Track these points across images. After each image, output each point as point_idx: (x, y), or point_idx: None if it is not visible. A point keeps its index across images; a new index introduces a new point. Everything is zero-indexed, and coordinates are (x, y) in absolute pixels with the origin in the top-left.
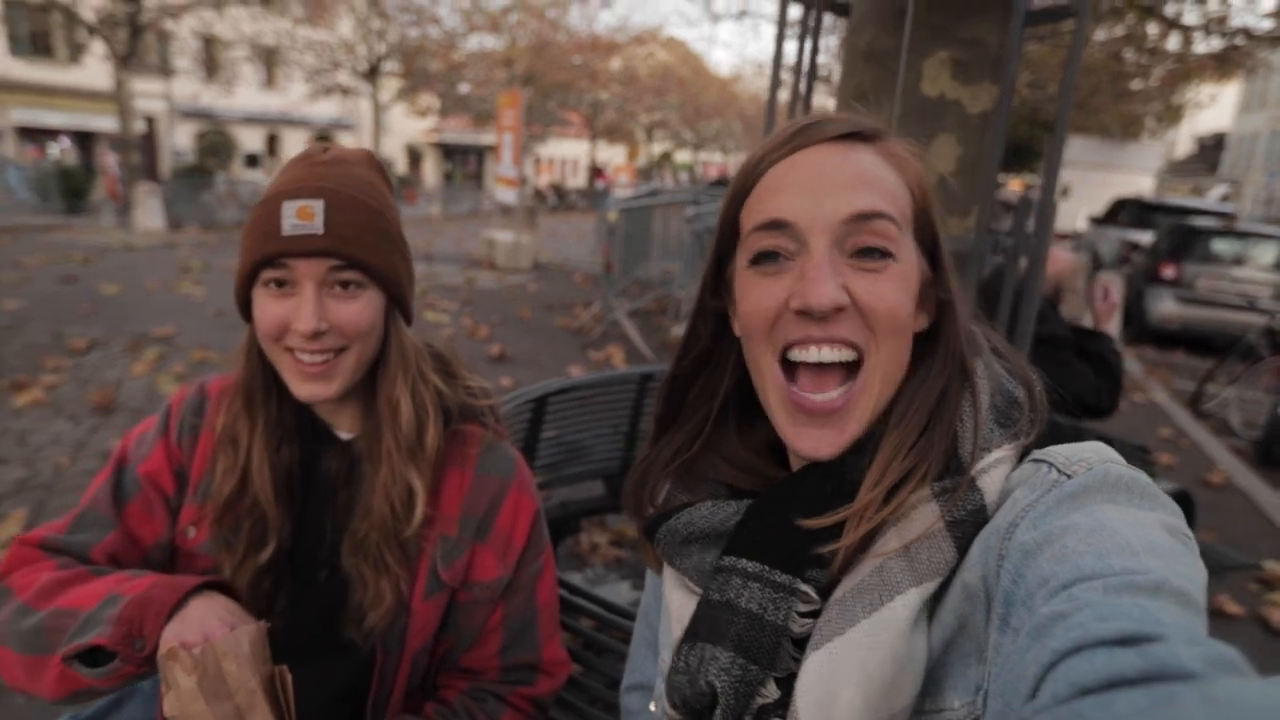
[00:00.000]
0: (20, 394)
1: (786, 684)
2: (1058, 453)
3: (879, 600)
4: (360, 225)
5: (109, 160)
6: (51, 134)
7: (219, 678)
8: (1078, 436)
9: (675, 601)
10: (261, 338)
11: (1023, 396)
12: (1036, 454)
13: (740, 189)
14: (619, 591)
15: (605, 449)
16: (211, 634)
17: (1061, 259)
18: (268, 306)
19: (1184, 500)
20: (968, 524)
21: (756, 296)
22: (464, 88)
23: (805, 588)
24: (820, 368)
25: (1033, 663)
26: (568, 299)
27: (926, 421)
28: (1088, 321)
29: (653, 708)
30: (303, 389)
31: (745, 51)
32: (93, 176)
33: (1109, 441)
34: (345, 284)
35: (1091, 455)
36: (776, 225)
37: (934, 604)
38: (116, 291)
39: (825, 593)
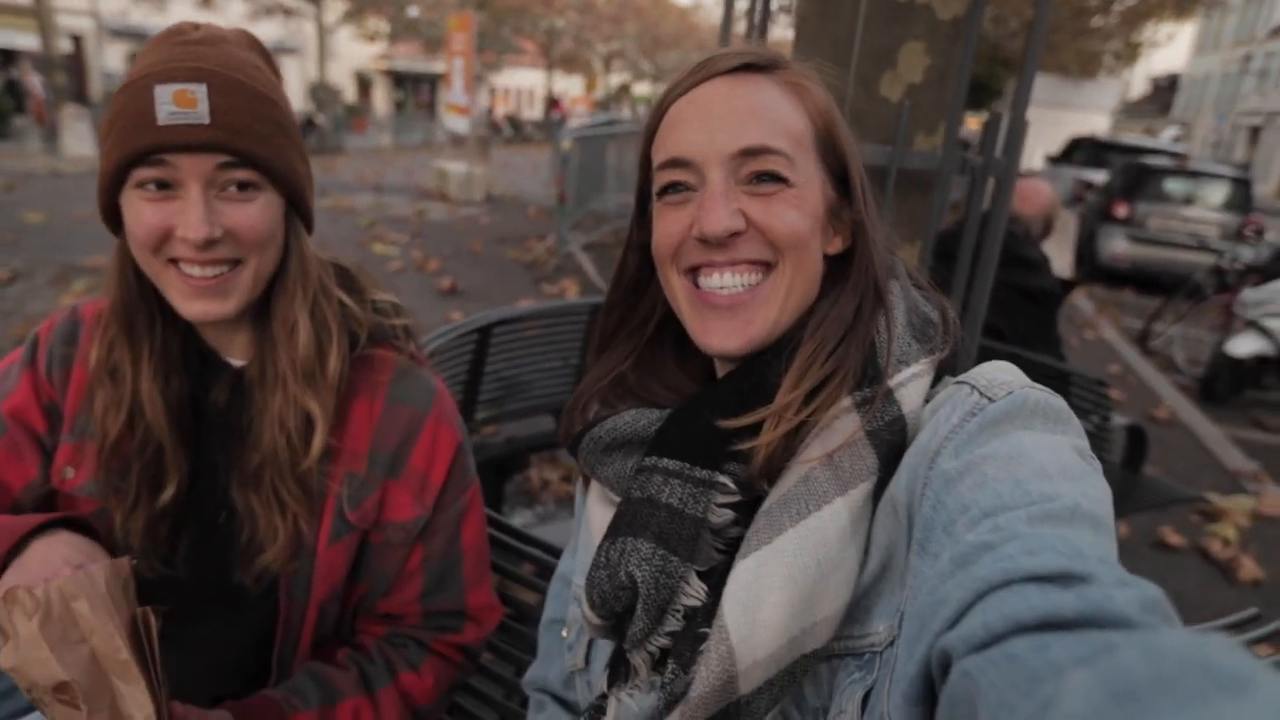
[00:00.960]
0: None
1: (715, 592)
2: (979, 375)
3: (806, 509)
4: (252, 114)
5: (34, 81)
6: None
7: (68, 621)
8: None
9: (597, 515)
10: (137, 249)
11: (936, 318)
12: (958, 376)
13: (650, 125)
14: (570, 529)
15: (553, 382)
16: (56, 575)
17: (1044, 191)
18: (143, 212)
19: (1138, 435)
20: (886, 434)
21: (664, 225)
22: (413, 11)
23: (723, 479)
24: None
25: (957, 588)
26: (521, 232)
27: (843, 334)
28: (1058, 260)
29: (565, 634)
30: (193, 307)
31: None
32: (15, 98)
33: (1070, 375)
34: (241, 185)
35: (1010, 378)
36: (676, 163)
37: (870, 522)
38: (42, 220)
39: (750, 497)
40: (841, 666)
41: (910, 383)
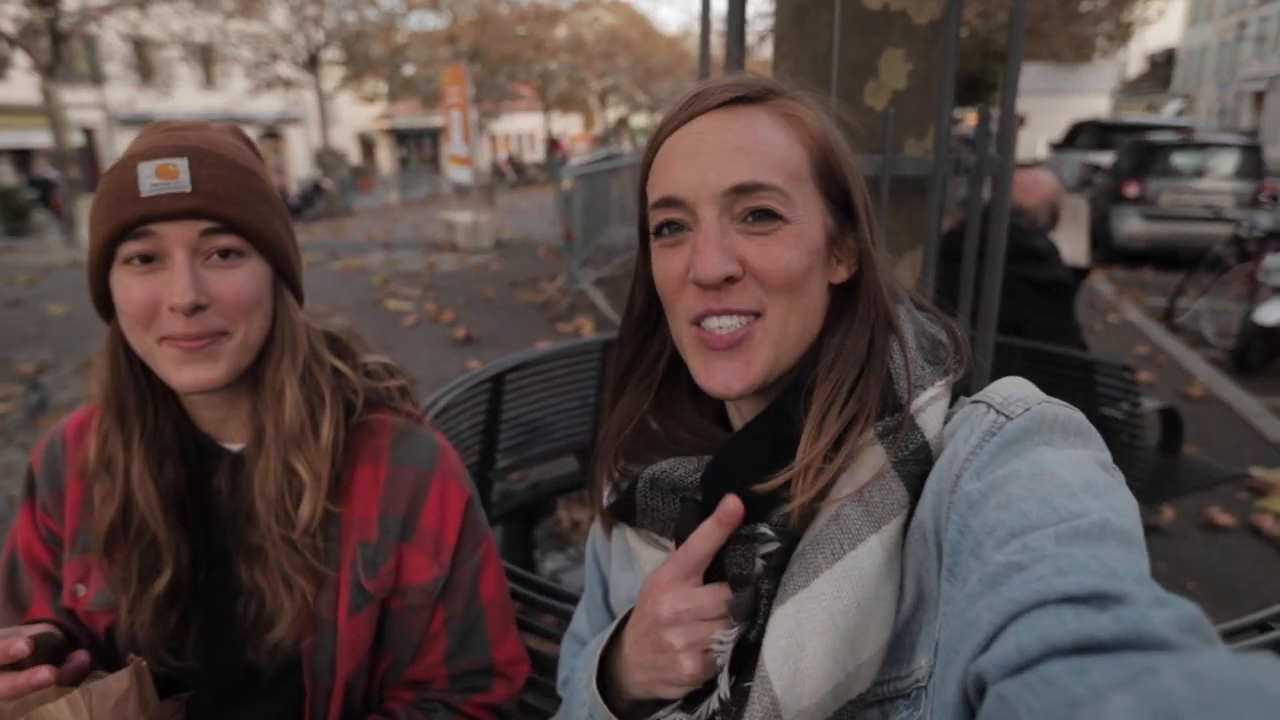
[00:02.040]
0: None
1: (754, 641)
2: (994, 393)
3: (840, 549)
4: (233, 183)
5: (54, 174)
6: None
7: None
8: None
9: (648, 561)
10: (129, 328)
11: (945, 338)
12: (973, 395)
13: (645, 162)
14: None
15: (573, 423)
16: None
17: (1045, 181)
18: (132, 287)
19: (1171, 417)
20: (912, 463)
21: (662, 268)
22: (409, 69)
23: (764, 529)
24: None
25: (987, 610)
26: (532, 274)
27: (859, 371)
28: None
29: None
30: (184, 375)
31: (691, 7)
32: (36, 195)
33: (1094, 364)
34: (224, 252)
35: (1027, 394)
36: (669, 202)
37: (902, 554)
38: (64, 311)
39: (787, 543)
40: (892, 710)
41: (929, 407)
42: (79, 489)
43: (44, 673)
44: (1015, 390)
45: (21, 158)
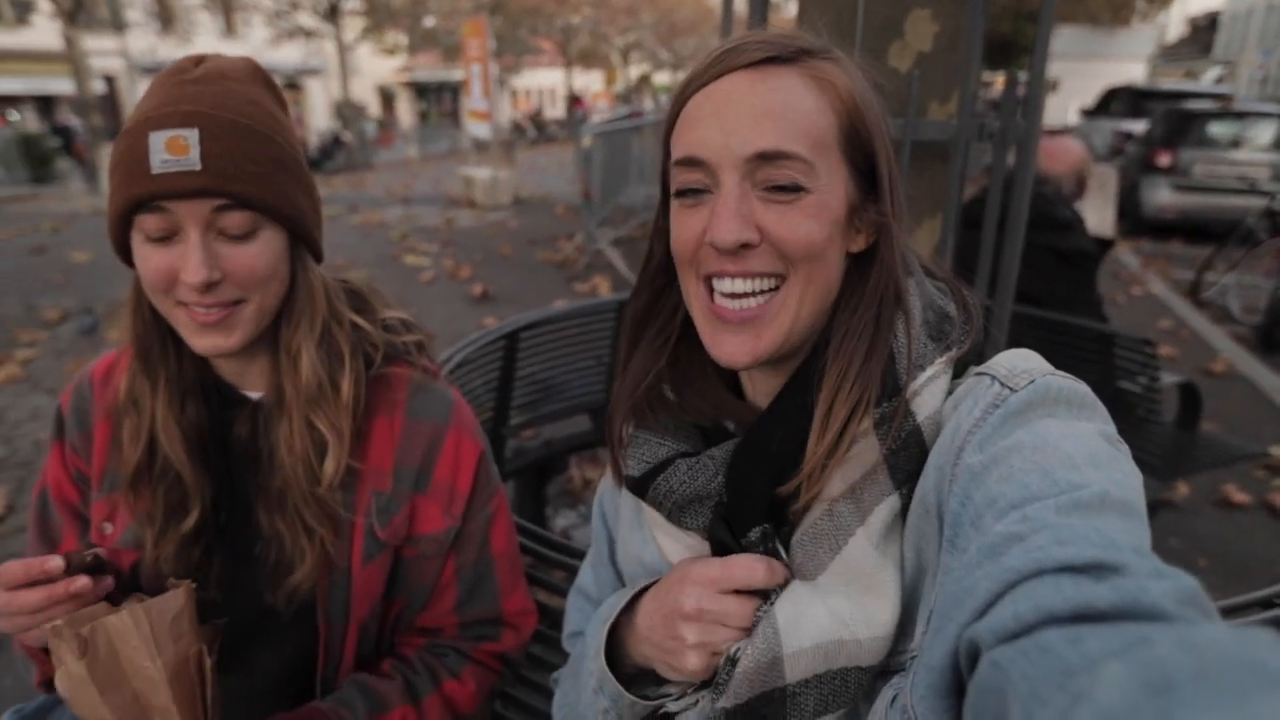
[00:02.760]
0: None
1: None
2: (999, 365)
3: (837, 544)
4: (245, 155)
5: (73, 122)
6: (10, 101)
7: (112, 662)
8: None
9: (668, 547)
10: (148, 290)
11: (954, 311)
12: (978, 367)
13: (670, 118)
14: None
15: (587, 382)
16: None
17: (1073, 149)
18: (149, 257)
19: (1190, 391)
20: (903, 453)
21: (679, 228)
22: (430, 21)
23: (777, 547)
24: (739, 295)
25: (985, 578)
26: (550, 232)
27: (866, 349)
28: (1090, 221)
29: None
30: (201, 341)
31: None
32: (65, 137)
33: (1114, 337)
34: (237, 227)
35: (1031, 366)
36: (690, 162)
37: (901, 533)
38: (88, 259)
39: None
40: (885, 683)
41: (927, 387)
42: (106, 430)
43: (81, 580)
44: (1020, 362)
45: (44, 105)
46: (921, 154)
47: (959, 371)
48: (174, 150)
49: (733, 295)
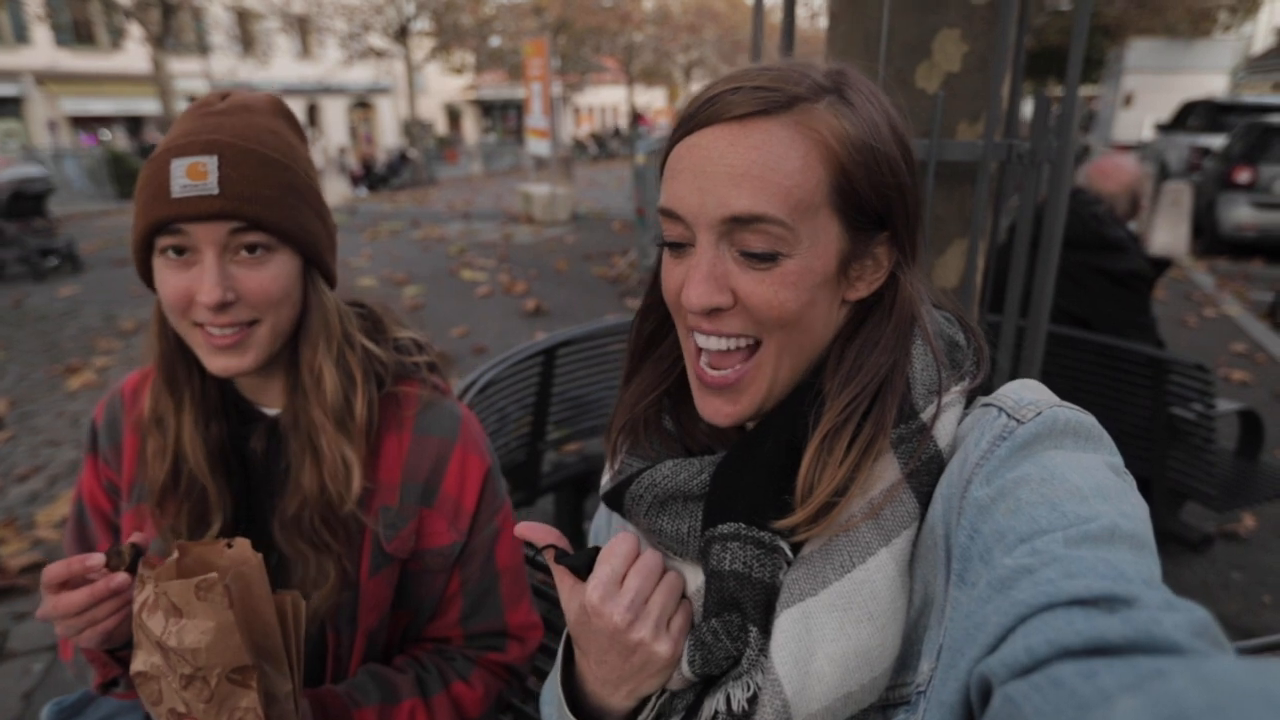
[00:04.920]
0: (73, 377)
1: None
2: (1005, 396)
3: (850, 562)
4: (261, 181)
5: (158, 139)
6: (102, 121)
7: (248, 608)
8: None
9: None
10: (167, 311)
11: (961, 339)
12: (985, 398)
13: (663, 156)
14: None
15: None
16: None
17: (1127, 168)
18: (168, 278)
19: (1251, 419)
20: (924, 474)
21: (666, 277)
22: (496, 41)
23: (783, 544)
24: (718, 353)
25: (995, 613)
26: (605, 248)
27: (878, 389)
28: (1161, 239)
29: None
30: (216, 362)
31: None
32: (145, 160)
33: (1167, 363)
34: (251, 248)
35: (1038, 398)
36: (670, 215)
37: (910, 563)
38: None
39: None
40: (893, 714)
41: (944, 414)
42: (135, 443)
43: (121, 577)
44: (1027, 394)
45: (133, 125)
46: (951, 176)
47: (967, 401)
48: (193, 175)
49: (711, 357)
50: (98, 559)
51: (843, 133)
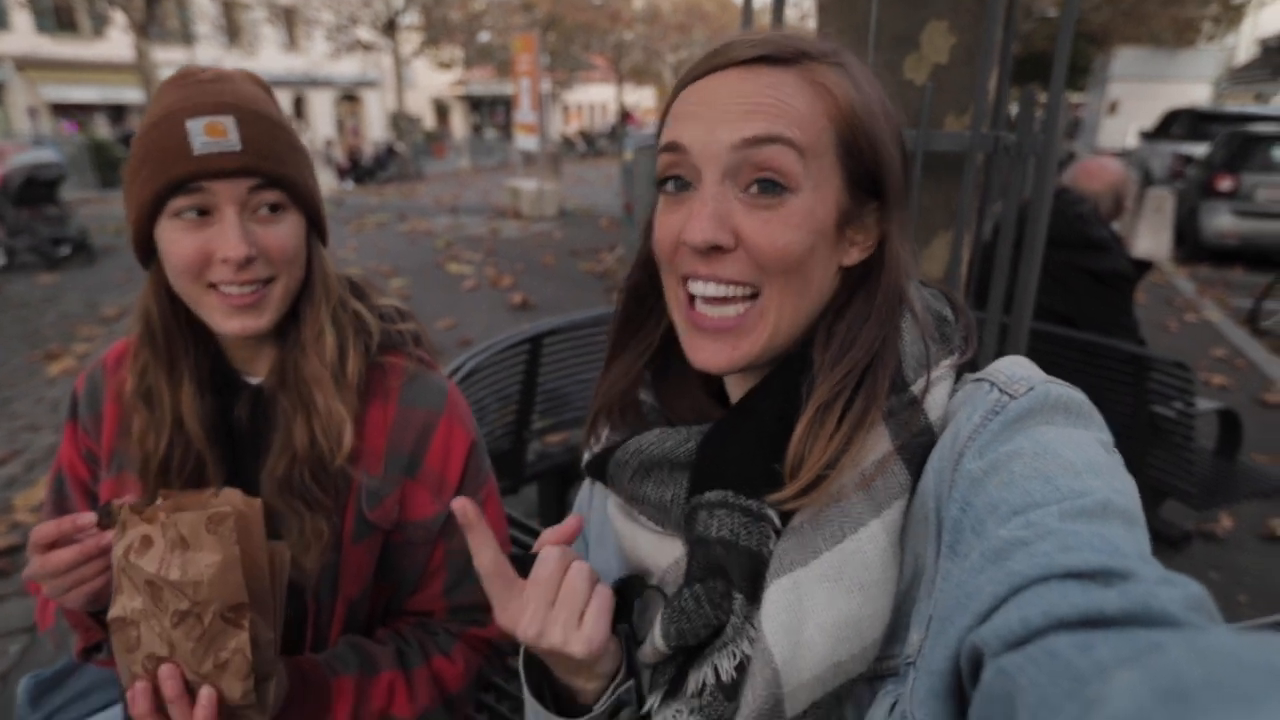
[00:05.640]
0: (54, 363)
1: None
2: (997, 371)
3: (841, 532)
4: (274, 139)
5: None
6: (84, 109)
7: (249, 548)
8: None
9: (626, 535)
10: (177, 276)
11: (949, 314)
12: (976, 374)
13: (663, 111)
14: None
15: None
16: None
17: (1111, 168)
18: (182, 240)
19: (1230, 419)
20: (916, 446)
21: (660, 225)
22: (485, 36)
23: (770, 512)
24: (714, 299)
25: (989, 583)
26: (592, 244)
27: (869, 361)
28: (1143, 245)
29: None
30: (232, 323)
31: None
32: (128, 150)
33: (1149, 360)
34: (271, 206)
35: (1029, 374)
36: (673, 148)
37: (901, 535)
38: None
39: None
40: (881, 687)
41: (935, 387)
42: (115, 411)
43: (111, 535)
44: (1018, 369)
45: (116, 113)
46: (938, 167)
47: (955, 377)
48: (213, 133)
49: (709, 301)
50: (89, 517)
51: (846, 91)
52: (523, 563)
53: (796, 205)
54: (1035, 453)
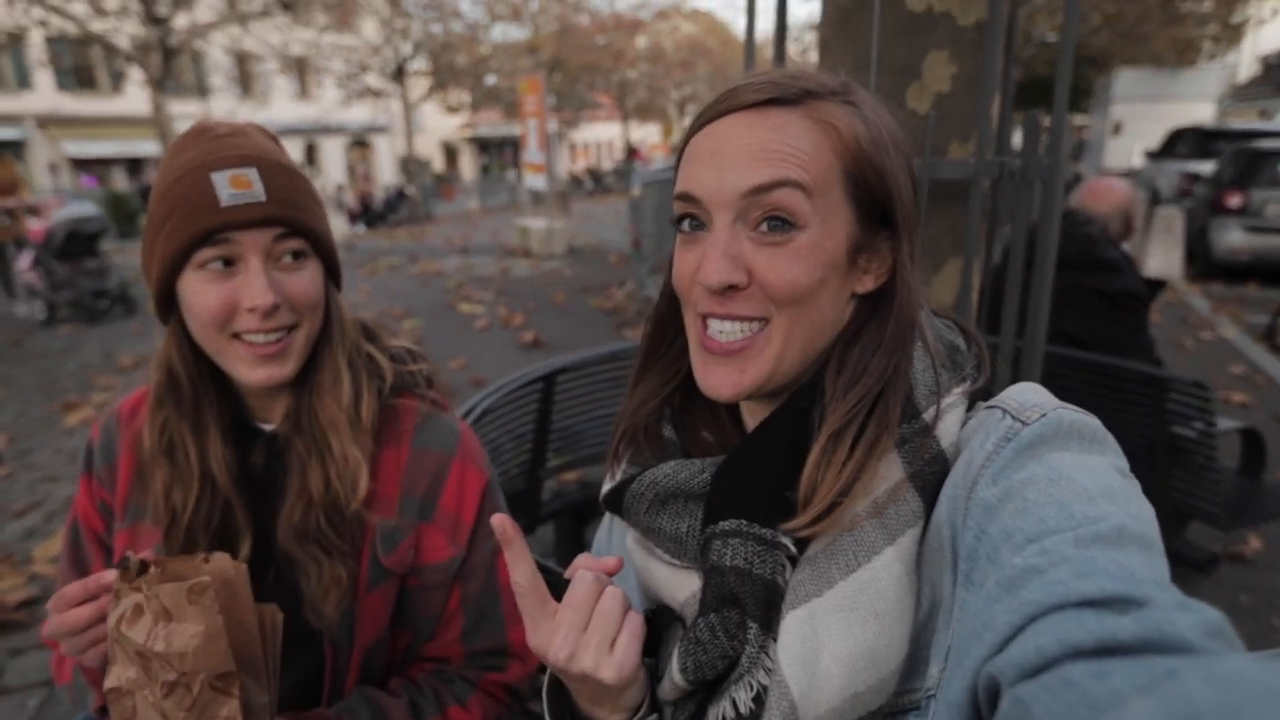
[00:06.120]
0: (72, 413)
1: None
2: (1009, 398)
3: (855, 561)
4: (295, 189)
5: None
6: (103, 163)
7: (231, 615)
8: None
9: (646, 568)
10: (201, 328)
11: (961, 343)
12: (988, 401)
13: (678, 155)
14: None
15: None
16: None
17: (1119, 188)
18: (208, 291)
19: (1253, 437)
20: (929, 474)
21: (678, 264)
22: (491, 79)
23: (785, 540)
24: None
25: (1005, 612)
26: (602, 280)
27: (881, 390)
28: (1154, 264)
29: None
30: (257, 373)
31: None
32: (145, 201)
33: (1167, 381)
34: (293, 254)
35: (1042, 400)
36: (686, 198)
37: (919, 564)
38: None
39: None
40: None
41: (947, 414)
42: (130, 461)
43: None
44: (1031, 396)
45: (133, 166)
46: (943, 194)
47: (968, 405)
48: (239, 185)
49: (721, 332)
50: (112, 575)
51: (851, 125)
52: (555, 587)
53: (804, 240)
54: (1049, 479)
